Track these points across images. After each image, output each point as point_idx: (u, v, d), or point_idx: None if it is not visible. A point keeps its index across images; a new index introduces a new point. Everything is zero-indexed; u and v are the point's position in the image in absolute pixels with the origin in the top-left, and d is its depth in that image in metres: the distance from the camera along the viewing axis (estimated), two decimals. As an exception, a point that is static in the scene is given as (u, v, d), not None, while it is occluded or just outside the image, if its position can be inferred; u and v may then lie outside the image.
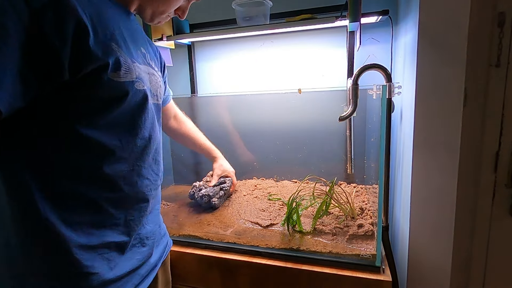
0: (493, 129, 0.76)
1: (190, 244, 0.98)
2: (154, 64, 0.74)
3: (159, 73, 0.76)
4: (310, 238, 0.93)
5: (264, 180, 1.42)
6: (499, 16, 0.71)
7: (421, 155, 0.80)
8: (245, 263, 0.89)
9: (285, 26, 1.09)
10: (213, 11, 1.37)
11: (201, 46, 1.46)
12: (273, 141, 1.37)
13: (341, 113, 0.90)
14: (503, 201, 0.79)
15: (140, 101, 0.63)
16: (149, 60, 0.71)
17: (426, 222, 0.82)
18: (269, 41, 1.35)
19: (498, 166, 0.77)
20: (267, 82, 1.40)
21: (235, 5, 1.11)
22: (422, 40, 0.75)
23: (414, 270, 0.86)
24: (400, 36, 1.05)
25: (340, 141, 1.27)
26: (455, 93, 0.74)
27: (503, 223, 0.80)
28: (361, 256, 0.84)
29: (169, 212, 1.17)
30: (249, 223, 1.03)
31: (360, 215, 1.01)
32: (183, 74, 1.50)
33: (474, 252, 0.82)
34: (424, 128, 0.79)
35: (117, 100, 0.58)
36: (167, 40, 1.22)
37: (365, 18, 0.99)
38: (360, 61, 1.20)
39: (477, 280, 0.84)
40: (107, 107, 0.57)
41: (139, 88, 0.61)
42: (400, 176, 0.99)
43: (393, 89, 0.85)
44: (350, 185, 1.30)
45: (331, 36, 1.28)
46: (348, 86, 1.02)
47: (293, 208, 0.97)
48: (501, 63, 0.73)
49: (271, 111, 1.37)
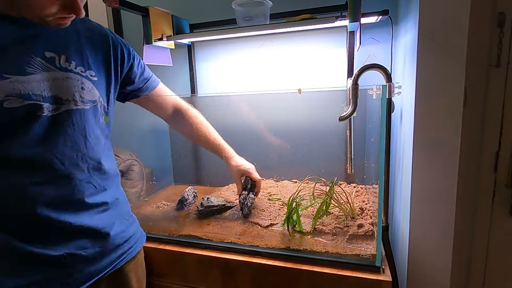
0: (493, 129, 0.76)
1: (190, 244, 0.98)
2: (77, 65, 0.70)
3: (87, 73, 0.72)
4: (310, 238, 0.93)
5: (264, 180, 1.42)
6: (499, 16, 0.71)
7: (421, 155, 0.80)
8: (245, 263, 0.89)
9: (285, 26, 1.09)
10: (213, 11, 1.37)
11: (201, 46, 1.46)
12: (273, 141, 1.37)
13: (341, 113, 0.90)
14: (503, 201, 0.79)
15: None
16: (61, 63, 0.67)
17: (426, 222, 0.82)
18: (269, 41, 1.35)
19: (498, 166, 0.77)
20: (267, 82, 1.40)
21: (235, 5, 1.11)
22: (422, 40, 0.75)
23: (414, 270, 0.86)
24: (400, 36, 1.05)
25: (340, 141, 1.27)
26: (455, 93, 0.74)
27: (503, 223, 0.80)
28: (361, 256, 0.84)
29: (169, 212, 1.17)
30: (249, 223, 1.03)
31: (360, 215, 1.01)
32: (183, 74, 1.50)
33: (474, 252, 0.82)
34: (424, 128, 0.79)
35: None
36: (167, 40, 1.22)
37: (365, 18, 0.99)
38: (360, 61, 1.20)
39: (477, 280, 0.84)
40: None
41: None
42: (400, 176, 0.99)
43: (393, 89, 0.85)
44: (350, 185, 1.30)
45: (331, 36, 1.28)
46: (348, 86, 1.02)
47: (293, 208, 0.97)
48: (501, 63, 0.73)
49: (271, 111, 1.37)
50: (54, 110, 0.65)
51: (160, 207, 1.21)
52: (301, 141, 1.33)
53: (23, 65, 0.61)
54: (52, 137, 0.65)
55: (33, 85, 0.62)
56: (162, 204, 1.23)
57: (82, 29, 0.75)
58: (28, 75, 0.62)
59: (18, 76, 0.60)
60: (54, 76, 0.66)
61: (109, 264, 0.77)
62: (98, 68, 0.76)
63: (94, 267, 0.74)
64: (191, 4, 1.42)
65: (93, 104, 0.73)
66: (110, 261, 0.77)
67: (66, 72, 0.68)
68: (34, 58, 0.63)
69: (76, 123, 0.69)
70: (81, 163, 0.71)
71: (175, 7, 1.32)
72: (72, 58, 0.70)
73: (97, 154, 0.74)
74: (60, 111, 0.66)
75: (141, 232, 0.89)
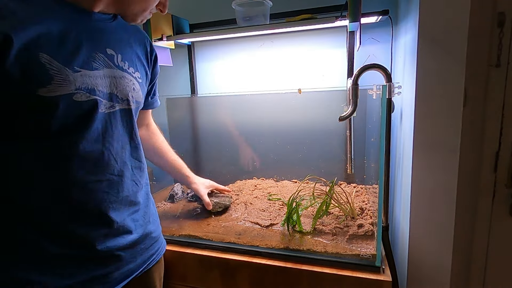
0: (493, 129, 0.76)
1: (190, 244, 0.98)
2: (129, 65, 0.72)
3: (135, 74, 0.73)
4: (310, 238, 0.93)
5: (264, 180, 1.42)
6: (499, 16, 0.71)
7: (421, 155, 0.80)
8: (245, 263, 0.89)
9: (285, 26, 1.09)
10: (213, 11, 1.37)
11: (201, 46, 1.46)
12: (273, 141, 1.37)
13: (341, 113, 0.90)
14: (503, 201, 0.79)
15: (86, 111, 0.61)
16: (118, 62, 0.69)
17: (426, 222, 0.82)
18: (269, 41, 1.35)
19: (498, 166, 0.77)
20: (267, 82, 1.40)
21: (235, 5, 1.11)
22: (422, 40, 0.75)
23: (414, 270, 0.86)
24: (400, 36, 1.05)
25: (340, 141, 1.27)
26: (455, 93, 0.74)
27: (503, 223, 0.80)
28: (361, 256, 0.84)
29: (169, 212, 1.17)
30: (249, 223, 1.03)
31: (360, 215, 1.01)
32: (183, 74, 1.50)
33: (474, 252, 0.82)
34: (424, 128, 0.79)
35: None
36: (167, 40, 1.22)
37: (365, 18, 0.99)
38: (360, 61, 1.20)
39: (477, 280, 0.84)
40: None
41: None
42: (400, 176, 0.99)
43: (393, 89, 0.85)
44: (350, 185, 1.30)
45: (331, 36, 1.28)
46: (348, 86, 1.02)
47: (293, 208, 0.97)
48: (501, 63, 0.73)
49: (271, 111, 1.37)
50: (110, 108, 0.66)
51: (160, 207, 1.21)
52: (301, 141, 1.33)
53: (90, 60, 0.62)
54: (108, 134, 0.67)
55: (98, 80, 0.63)
56: (162, 204, 1.23)
57: (130, 29, 0.75)
58: (94, 70, 0.62)
59: (86, 70, 0.61)
60: (114, 74, 0.67)
61: (141, 264, 0.77)
62: (141, 71, 0.77)
63: (130, 266, 0.74)
64: (191, 4, 1.42)
65: (137, 105, 0.75)
66: (142, 260, 0.78)
67: (123, 71, 0.69)
68: (98, 53, 0.64)
69: (126, 123, 0.71)
70: (128, 161, 0.72)
71: (175, 7, 1.32)
72: (125, 58, 0.71)
73: (139, 153, 0.77)
74: (115, 109, 0.67)
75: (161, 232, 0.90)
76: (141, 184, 0.77)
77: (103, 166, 0.66)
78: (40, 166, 0.59)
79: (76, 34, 0.60)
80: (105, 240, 0.68)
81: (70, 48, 0.59)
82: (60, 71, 0.56)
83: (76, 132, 0.61)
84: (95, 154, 0.64)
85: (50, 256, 0.62)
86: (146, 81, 0.81)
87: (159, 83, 0.95)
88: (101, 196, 0.66)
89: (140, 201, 0.77)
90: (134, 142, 0.74)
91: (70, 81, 0.58)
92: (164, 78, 1.52)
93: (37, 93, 0.54)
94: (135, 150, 0.75)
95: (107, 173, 0.67)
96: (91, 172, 0.64)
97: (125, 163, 0.71)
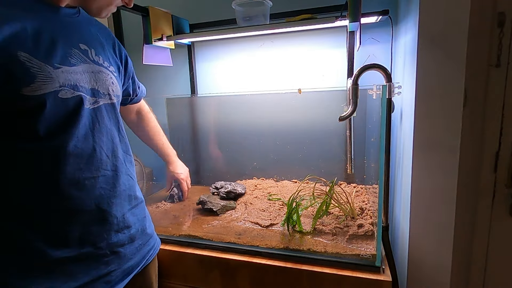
0: (493, 129, 0.76)
1: (190, 244, 0.98)
2: (103, 59, 0.71)
3: (110, 68, 0.73)
4: (310, 238, 0.93)
5: (264, 180, 1.42)
6: (499, 16, 0.71)
7: (421, 155, 0.80)
8: (245, 263, 0.89)
9: (285, 26, 1.09)
10: (213, 11, 1.37)
11: (201, 46, 1.46)
12: (273, 141, 1.37)
13: (341, 113, 0.90)
14: (503, 201, 0.79)
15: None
16: (93, 57, 0.68)
17: (426, 222, 0.82)
18: (269, 41, 1.35)
19: (498, 166, 0.77)
20: (267, 82, 1.40)
21: (235, 5, 1.11)
22: (422, 40, 0.75)
23: (414, 270, 0.86)
24: (400, 36, 1.05)
25: (340, 141, 1.27)
26: (455, 93, 0.74)
27: (503, 223, 0.80)
28: (361, 256, 0.84)
29: (169, 212, 1.17)
30: (249, 223, 1.03)
31: (360, 215, 1.01)
32: (183, 74, 1.50)
33: (474, 252, 0.82)
34: (424, 128, 0.79)
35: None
36: (167, 40, 1.22)
37: (365, 18, 0.99)
38: (360, 61, 1.20)
39: (477, 280, 0.84)
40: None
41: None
42: (400, 176, 0.99)
43: (393, 89, 0.85)
44: (350, 185, 1.30)
45: (331, 36, 1.28)
46: (348, 86, 1.02)
47: (293, 208, 0.97)
48: (501, 63, 0.73)
49: (271, 111, 1.37)
50: (94, 103, 0.66)
51: (160, 207, 1.21)
52: (301, 141, 1.33)
53: (67, 56, 0.62)
54: (96, 130, 0.67)
55: (78, 76, 0.62)
56: (162, 204, 1.23)
57: (96, 25, 0.75)
58: (72, 66, 0.62)
59: (66, 66, 0.61)
60: (92, 69, 0.66)
61: (141, 260, 0.78)
62: (114, 64, 0.77)
63: (130, 263, 0.74)
64: (191, 4, 1.42)
65: (118, 99, 0.75)
66: (141, 257, 0.78)
67: (99, 66, 0.69)
68: (73, 49, 0.64)
69: (111, 117, 0.71)
70: (119, 155, 0.72)
71: (175, 7, 1.32)
72: (98, 52, 0.70)
73: (128, 147, 0.77)
74: (99, 104, 0.67)
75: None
76: (135, 177, 0.78)
77: (96, 162, 0.66)
78: (34, 167, 0.59)
79: (50, 31, 0.59)
80: (106, 236, 0.68)
81: (46, 45, 0.58)
82: (41, 68, 0.56)
83: (65, 130, 0.61)
84: (87, 151, 0.64)
85: (51, 261, 0.62)
86: (119, 75, 0.80)
87: (159, 83, 0.95)
88: (99, 192, 0.66)
89: (139, 196, 0.79)
90: (122, 136, 0.75)
91: (53, 78, 0.57)
92: (164, 78, 1.52)
93: (22, 93, 0.54)
94: (124, 144, 0.75)
95: (101, 169, 0.67)
96: (85, 169, 0.64)
97: (117, 158, 0.71)
